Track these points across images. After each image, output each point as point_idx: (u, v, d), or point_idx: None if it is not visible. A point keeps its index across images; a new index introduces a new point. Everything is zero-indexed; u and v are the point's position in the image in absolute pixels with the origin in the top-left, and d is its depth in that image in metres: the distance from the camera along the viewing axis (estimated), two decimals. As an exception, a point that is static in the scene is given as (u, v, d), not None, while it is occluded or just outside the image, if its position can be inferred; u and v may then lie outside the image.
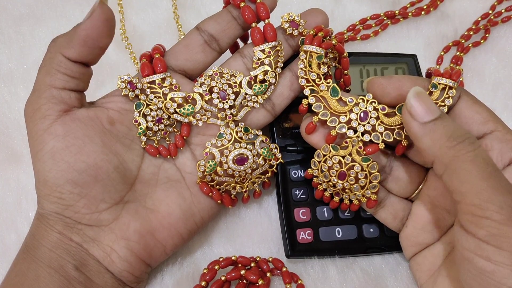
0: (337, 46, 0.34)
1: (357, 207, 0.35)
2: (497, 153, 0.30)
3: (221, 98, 0.34)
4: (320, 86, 0.33)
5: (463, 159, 0.26)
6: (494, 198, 0.25)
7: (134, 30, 0.48)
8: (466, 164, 0.26)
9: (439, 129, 0.28)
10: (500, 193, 0.25)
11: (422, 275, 0.33)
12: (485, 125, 0.31)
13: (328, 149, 0.33)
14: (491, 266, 0.25)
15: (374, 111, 0.32)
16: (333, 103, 0.33)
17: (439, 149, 0.27)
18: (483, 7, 0.50)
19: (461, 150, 0.27)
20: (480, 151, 0.27)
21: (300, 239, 0.36)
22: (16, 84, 0.45)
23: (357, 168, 0.33)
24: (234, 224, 0.39)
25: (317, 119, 0.33)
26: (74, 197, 0.31)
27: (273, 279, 0.36)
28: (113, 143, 0.33)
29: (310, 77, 0.33)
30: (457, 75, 0.32)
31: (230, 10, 0.35)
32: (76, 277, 0.31)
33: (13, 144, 0.42)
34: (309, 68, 0.33)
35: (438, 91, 0.32)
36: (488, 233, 0.25)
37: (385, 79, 0.32)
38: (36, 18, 0.48)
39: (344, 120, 0.33)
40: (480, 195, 0.25)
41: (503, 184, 0.26)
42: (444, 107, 0.31)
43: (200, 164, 0.34)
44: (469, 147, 0.27)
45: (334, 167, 0.33)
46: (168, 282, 0.36)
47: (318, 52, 0.33)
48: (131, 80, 0.33)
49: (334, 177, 0.33)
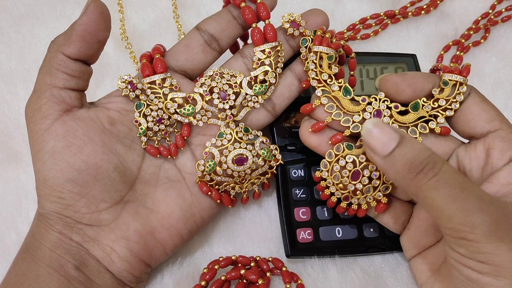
0: (345, 47, 0.34)
1: (364, 213, 0.34)
2: (498, 152, 0.30)
3: (221, 99, 0.34)
4: (332, 86, 0.33)
5: (426, 188, 0.26)
6: (465, 220, 0.25)
7: (134, 30, 0.48)
8: (430, 192, 0.26)
9: (398, 161, 0.27)
10: (469, 214, 0.25)
11: (422, 275, 0.33)
12: (490, 123, 0.31)
13: (341, 148, 0.33)
14: (475, 275, 0.26)
15: (387, 110, 0.32)
16: (346, 102, 0.33)
17: (404, 181, 0.27)
18: (483, 6, 0.50)
19: (422, 179, 0.26)
20: (442, 174, 0.26)
21: (300, 239, 0.36)
22: (16, 84, 0.44)
23: (372, 167, 0.32)
24: (234, 224, 0.39)
25: (330, 119, 0.33)
26: (74, 197, 0.31)
27: (273, 278, 0.36)
28: (113, 143, 0.33)
29: (322, 77, 0.33)
30: (467, 71, 0.32)
31: (230, 9, 0.35)
32: (76, 277, 0.31)
33: (13, 143, 0.42)
34: (319, 68, 0.33)
35: (449, 88, 0.32)
36: (467, 250, 0.26)
37: (399, 76, 0.32)
38: (36, 18, 0.47)
39: (358, 120, 0.32)
40: (451, 220, 0.26)
41: (471, 203, 0.25)
42: (455, 103, 0.31)
43: (200, 164, 0.34)
44: (430, 174, 0.26)
45: (347, 167, 0.32)
46: (168, 282, 0.36)
47: (329, 52, 0.33)
48: (131, 81, 0.33)
49: (347, 177, 0.32)
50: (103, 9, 0.31)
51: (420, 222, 0.33)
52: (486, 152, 0.31)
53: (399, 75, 0.32)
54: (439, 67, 0.33)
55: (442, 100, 0.32)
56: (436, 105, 0.32)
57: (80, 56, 0.31)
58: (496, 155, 0.30)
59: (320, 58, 0.33)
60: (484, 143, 0.31)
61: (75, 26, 0.31)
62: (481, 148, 0.31)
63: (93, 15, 0.31)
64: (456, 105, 0.32)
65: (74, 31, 0.31)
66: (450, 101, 0.32)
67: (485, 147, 0.31)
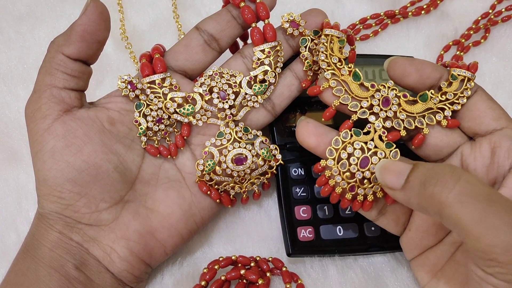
0: (350, 36, 0.34)
1: (370, 206, 0.33)
2: (505, 151, 0.30)
3: (221, 98, 0.34)
4: (342, 70, 0.32)
5: (449, 204, 0.24)
6: (496, 242, 0.23)
7: (134, 30, 0.48)
8: (454, 209, 0.24)
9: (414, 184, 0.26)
10: (500, 234, 0.23)
11: (425, 276, 0.33)
12: (496, 121, 0.31)
13: (348, 135, 0.32)
14: None
15: (396, 98, 0.32)
16: (355, 87, 0.32)
17: (425, 203, 0.26)
18: (483, 6, 0.50)
19: (442, 193, 0.24)
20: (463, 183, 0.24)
21: (301, 237, 0.36)
22: (16, 84, 0.45)
23: (381, 154, 0.31)
24: (234, 223, 0.39)
25: (337, 102, 0.32)
26: (74, 196, 0.31)
27: (273, 278, 0.36)
28: (113, 143, 0.33)
29: (332, 60, 0.32)
30: (475, 68, 0.32)
31: (229, 9, 0.35)
32: (76, 277, 0.31)
33: (13, 144, 0.42)
34: (330, 51, 0.33)
35: (457, 82, 0.32)
36: (497, 272, 0.24)
37: (407, 60, 0.32)
38: (36, 18, 0.47)
39: (366, 105, 0.32)
40: (481, 241, 0.23)
41: (501, 219, 0.23)
42: (463, 98, 0.31)
43: (199, 163, 0.34)
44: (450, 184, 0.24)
45: (355, 154, 0.31)
46: (168, 282, 0.36)
47: (340, 36, 0.33)
48: (131, 80, 0.33)
49: (355, 165, 0.31)
50: (102, 9, 0.31)
51: (421, 222, 0.33)
52: (491, 150, 0.30)
53: (408, 58, 0.32)
54: (447, 64, 0.33)
55: (450, 94, 0.32)
56: (444, 98, 0.32)
57: (80, 56, 0.31)
58: (503, 154, 0.30)
59: (330, 42, 0.33)
60: (489, 141, 0.31)
61: (75, 26, 0.31)
62: (487, 147, 0.31)
63: (93, 15, 0.31)
64: (463, 100, 0.32)
65: (74, 31, 0.31)
66: (457, 96, 0.32)
67: (490, 145, 0.30)
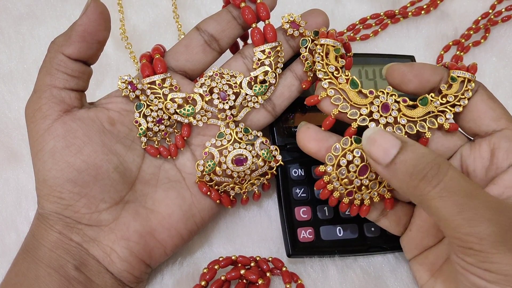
0: (346, 44, 0.34)
1: (367, 212, 0.33)
2: (504, 152, 0.30)
3: (221, 99, 0.34)
4: (339, 78, 0.32)
5: (430, 197, 0.26)
6: (471, 231, 0.25)
7: (134, 30, 0.48)
8: (434, 202, 0.25)
9: (401, 168, 0.27)
10: (476, 224, 0.25)
11: (423, 275, 0.33)
12: (496, 122, 0.30)
13: (348, 142, 0.32)
14: (483, 283, 0.26)
15: (395, 104, 0.32)
16: (353, 95, 0.32)
17: (407, 190, 0.27)
18: (483, 6, 0.50)
19: (426, 187, 0.26)
20: (447, 181, 0.26)
21: (301, 238, 0.36)
22: (16, 84, 0.44)
23: None
24: (234, 224, 0.39)
25: (336, 111, 0.32)
26: (73, 197, 0.31)
27: (273, 278, 0.36)
28: (113, 143, 0.33)
29: (328, 69, 0.32)
30: (474, 69, 0.32)
31: (230, 9, 0.35)
32: (76, 277, 0.31)
33: (13, 144, 0.42)
34: (326, 61, 0.33)
35: (457, 84, 0.31)
36: (474, 260, 0.25)
37: (406, 66, 0.31)
38: (36, 18, 0.47)
39: (365, 113, 0.32)
40: (457, 230, 0.25)
41: (478, 213, 0.25)
42: (464, 100, 0.31)
43: (199, 164, 0.34)
44: (434, 181, 0.26)
45: (354, 162, 0.31)
46: (168, 282, 0.36)
47: (335, 45, 0.33)
48: (131, 81, 0.33)
49: (353, 172, 0.31)
50: (102, 9, 0.31)
51: (422, 223, 0.33)
52: (491, 152, 0.30)
53: (406, 64, 0.32)
54: (446, 65, 0.33)
55: (450, 96, 0.31)
56: (444, 100, 0.32)
57: (80, 56, 0.31)
58: (502, 155, 0.30)
59: (326, 53, 0.33)
60: (489, 143, 0.30)
61: (75, 27, 0.31)
62: (486, 148, 0.31)
63: (93, 15, 0.31)
64: (464, 102, 0.31)
65: (74, 32, 0.31)
66: (458, 97, 0.31)
67: (490, 146, 0.30)
